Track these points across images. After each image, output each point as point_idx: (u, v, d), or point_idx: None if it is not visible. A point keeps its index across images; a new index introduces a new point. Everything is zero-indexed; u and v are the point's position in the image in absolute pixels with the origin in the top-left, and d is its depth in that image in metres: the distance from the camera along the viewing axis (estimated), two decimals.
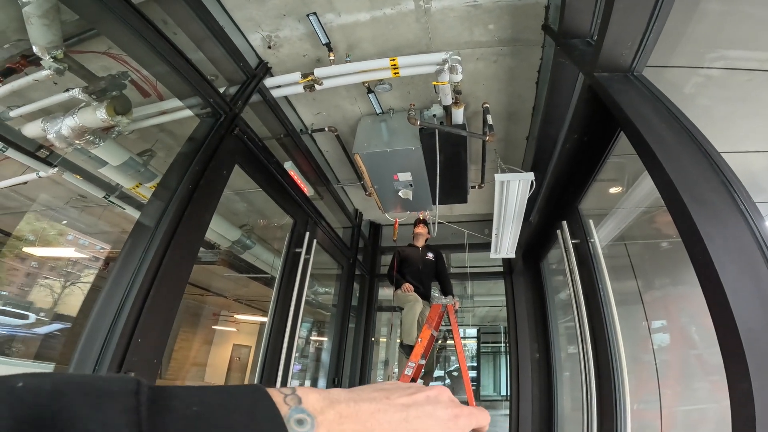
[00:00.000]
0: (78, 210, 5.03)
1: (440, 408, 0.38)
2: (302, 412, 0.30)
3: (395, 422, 0.35)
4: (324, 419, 0.31)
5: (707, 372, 1.99)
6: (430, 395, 0.39)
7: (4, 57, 2.45)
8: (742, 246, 1.16)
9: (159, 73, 2.22)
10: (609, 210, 2.74)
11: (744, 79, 1.72)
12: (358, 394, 0.36)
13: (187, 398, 0.26)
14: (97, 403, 0.23)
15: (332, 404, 0.32)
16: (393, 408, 0.35)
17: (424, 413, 0.37)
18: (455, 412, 0.39)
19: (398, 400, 0.36)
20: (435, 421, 0.37)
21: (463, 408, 0.40)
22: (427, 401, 0.38)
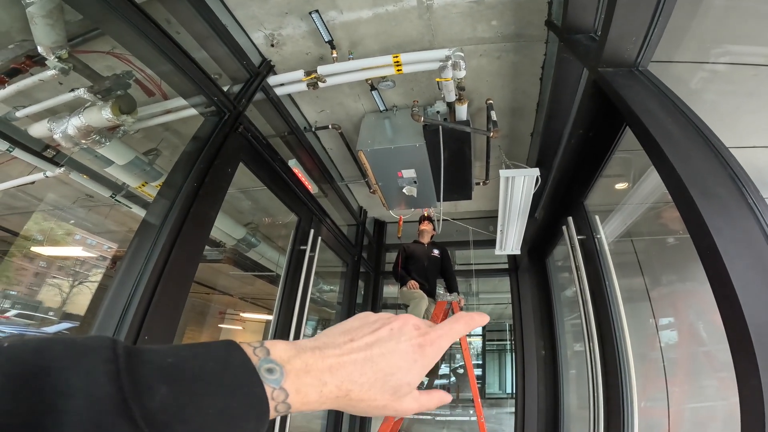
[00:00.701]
0: (85, 209, 5.07)
1: (404, 340, 0.38)
2: (271, 362, 0.32)
3: (359, 363, 0.36)
4: (291, 368, 0.33)
5: (715, 369, 1.98)
6: (393, 327, 0.39)
7: (9, 57, 2.46)
8: (750, 241, 1.15)
9: (163, 72, 2.23)
10: (615, 206, 2.73)
11: (750, 74, 1.70)
12: (323, 341, 0.37)
13: (162, 352, 0.28)
14: (79, 356, 0.25)
15: (298, 353, 0.34)
16: (356, 350, 0.36)
17: (388, 349, 0.37)
18: (419, 341, 0.39)
19: (361, 341, 0.37)
20: (399, 355, 0.37)
21: (429, 333, 0.40)
22: (390, 336, 0.38)
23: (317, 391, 0.34)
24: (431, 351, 0.39)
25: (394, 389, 0.37)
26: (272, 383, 0.31)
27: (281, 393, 0.31)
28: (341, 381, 0.35)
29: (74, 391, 0.23)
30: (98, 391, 0.24)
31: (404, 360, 0.37)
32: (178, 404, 0.26)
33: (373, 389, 0.36)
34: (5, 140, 2.84)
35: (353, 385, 0.35)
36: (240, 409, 0.29)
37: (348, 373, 0.35)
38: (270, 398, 0.31)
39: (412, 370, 0.38)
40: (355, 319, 0.41)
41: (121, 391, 0.24)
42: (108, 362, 0.25)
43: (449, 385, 12.04)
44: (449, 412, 5.31)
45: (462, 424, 4.96)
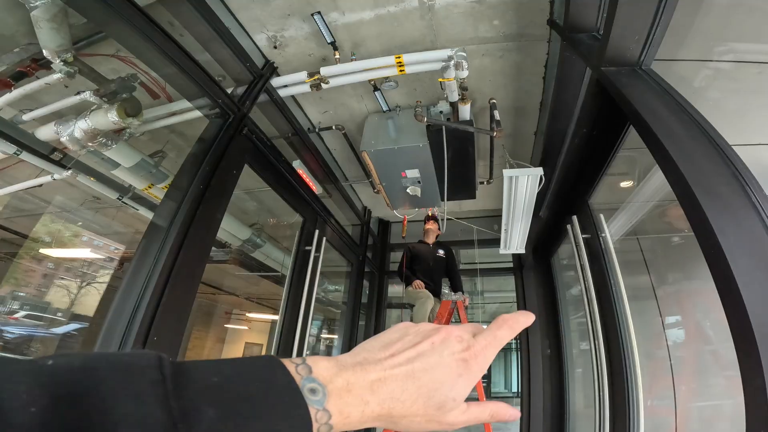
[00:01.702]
0: (93, 211, 5.13)
1: (447, 354, 0.37)
2: (313, 381, 0.31)
3: (401, 380, 0.35)
4: (334, 387, 0.32)
5: (723, 368, 1.96)
6: (435, 341, 0.38)
7: (15, 61, 2.49)
8: (754, 239, 1.14)
9: (167, 74, 2.25)
10: (620, 204, 2.71)
11: (754, 71, 1.69)
12: (363, 356, 0.36)
13: (206, 370, 0.28)
14: (126, 377, 0.24)
15: (340, 372, 0.33)
16: (397, 365, 0.36)
17: (430, 364, 0.36)
18: (463, 355, 0.38)
19: (402, 356, 0.36)
20: (443, 370, 0.36)
21: (473, 346, 0.39)
22: (433, 349, 0.37)
23: (359, 411, 0.33)
24: (476, 364, 0.38)
25: (439, 405, 0.35)
26: (316, 404, 0.31)
27: (324, 414, 0.31)
28: (383, 399, 0.34)
29: (124, 417, 0.23)
30: (148, 417, 0.23)
31: (448, 375, 0.36)
32: (226, 428, 0.26)
33: (416, 405, 0.35)
34: (13, 143, 2.87)
35: (395, 403, 0.34)
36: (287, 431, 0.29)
37: (390, 390, 0.34)
38: (314, 420, 0.30)
39: (457, 385, 0.36)
40: (394, 331, 0.40)
41: (170, 416, 0.24)
42: (156, 384, 0.25)
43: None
44: None
45: None
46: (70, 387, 0.23)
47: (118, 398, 0.23)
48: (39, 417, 0.21)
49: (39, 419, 0.21)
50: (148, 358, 0.26)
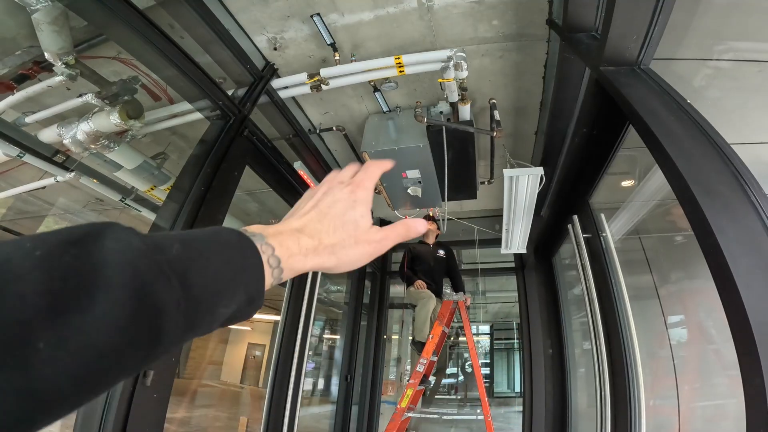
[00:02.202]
0: (96, 213, 5.15)
1: (337, 192, 0.48)
2: (250, 232, 0.38)
3: (316, 218, 0.44)
4: (267, 233, 0.39)
5: (726, 367, 1.96)
6: (326, 190, 0.48)
7: (16, 63, 2.51)
8: (753, 239, 1.14)
9: (168, 77, 2.26)
10: (621, 203, 2.71)
11: (754, 70, 1.69)
12: (284, 218, 0.46)
13: (167, 232, 0.34)
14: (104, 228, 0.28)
15: (266, 227, 0.41)
16: (308, 211, 0.45)
17: (329, 202, 0.46)
18: (349, 188, 0.48)
19: (308, 206, 0.46)
20: (341, 202, 0.46)
21: (352, 182, 0.49)
22: (326, 194, 0.48)
23: (296, 243, 0.40)
24: (361, 192, 0.48)
25: (354, 225, 0.45)
26: (257, 240, 0.37)
27: (268, 247, 0.37)
28: (310, 233, 0.42)
29: (113, 248, 0.27)
30: (130, 247, 0.27)
31: (346, 204, 0.46)
32: (191, 255, 0.31)
33: (338, 231, 0.44)
34: (16, 146, 2.88)
35: (320, 233, 0.43)
36: (241, 260, 0.34)
37: (312, 228, 0.43)
38: (261, 251, 0.36)
39: (356, 208, 0.46)
40: (302, 201, 0.50)
41: (146, 245, 0.28)
42: (131, 232, 0.29)
43: (457, 384, 12.01)
44: (456, 411, 5.30)
45: (470, 423, 4.96)
46: (64, 237, 0.26)
47: (104, 240, 0.27)
48: (43, 259, 0.24)
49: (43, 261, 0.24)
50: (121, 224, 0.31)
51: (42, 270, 0.23)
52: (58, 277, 0.24)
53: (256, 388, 11.54)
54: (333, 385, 4.59)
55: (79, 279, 0.24)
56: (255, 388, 11.60)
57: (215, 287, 0.31)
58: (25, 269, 0.23)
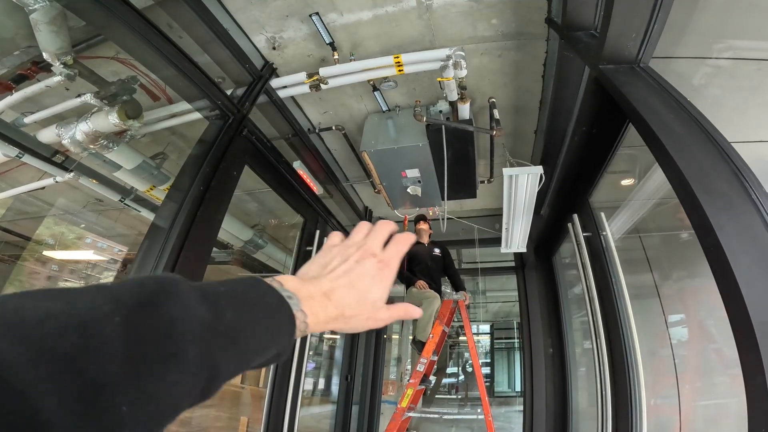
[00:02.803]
0: (95, 213, 5.15)
1: (368, 266, 0.50)
2: (287, 291, 0.42)
3: (344, 288, 0.47)
4: (302, 296, 0.43)
5: (727, 366, 1.95)
6: (357, 259, 0.50)
7: (15, 63, 2.50)
8: (754, 237, 1.14)
9: (167, 76, 2.26)
10: (621, 202, 2.70)
11: (753, 68, 1.68)
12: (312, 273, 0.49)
13: (214, 284, 0.37)
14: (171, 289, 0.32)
15: (302, 285, 0.45)
16: (338, 277, 0.48)
17: (359, 275, 0.49)
18: (379, 266, 0.50)
19: (339, 270, 0.49)
20: (369, 278, 0.49)
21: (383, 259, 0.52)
22: (358, 265, 0.50)
23: (324, 312, 0.44)
24: (388, 271, 0.51)
25: (372, 303, 0.48)
26: (294, 307, 0.41)
27: (302, 314, 0.42)
28: (336, 303, 0.46)
29: (184, 317, 0.30)
30: (198, 316, 0.31)
31: (373, 281, 0.49)
32: (240, 325, 0.35)
33: (359, 305, 0.47)
34: (15, 146, 2.88)
35: (344, 305, 0.46)
36: (278, 326, 0.39)
37: (339, 296, 0.46)
38: (295, 318, 0.41)
39: (380, 288, 0.50)
40: (322, 255, 0.53)
41: (209, 313, 0.32)
42: (191, 290, 0.33)
43: (458, 383, 12.01)
44: (457, 411, 5.30)
45: (470, 423, 4.96)
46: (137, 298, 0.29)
47: (172, 303, 0.30)
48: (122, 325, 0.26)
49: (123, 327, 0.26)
50: (173, 276, 0.34)
51: (123, 339, 0.26)
52: (137, 344, 0.27)
53: (256, 388, 11.53)
54: (333, 384, 4.60)
55: (157, 349, 0.28)
56: (255, 388, 11.58)
57: (257, 348, 0.37)
58: (107, 337, 0.25)
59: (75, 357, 0.23)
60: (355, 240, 0.55)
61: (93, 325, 0.25)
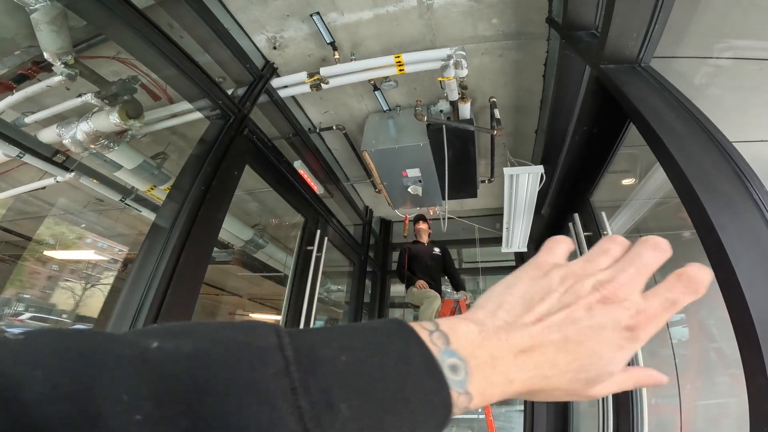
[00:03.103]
0: (96, 213, 5.15)
1: (609, 323, 0.30)
2: (453, 355, 0.26)
3: (552, 352, 0.29)
4: (476, 363, 0.27)
5: (728, 365, 1.95)
6: (593, 304, 0.30)
7: (16, 63, 2.50)
8: (756, 236, 1.14)
9: (168, 76, 2.25)
10: (622, 202, 2.70)
11: (755, 68, 1.68)
12: (505, 318, 0.30)
13: (332, 344, 0.23)
14: (244, 364, 0.20)
15: (483, 340, 0.28)
16: (547, 331, 0.29)
17: (588, 334, 0.29)
18: (629, 323, 0.30)
19: (553, 319, 0.29)
20: (603, 341, 0.30)
21: (643, 312, 0.31)
22: (591, 316, 0.30)
23: (501, 391, 0.28)
24: (644, 333, 0.31)
25: (588, 380, 0.30)
26: (457, 386, 0.25)
27: (465, 398, 0.26)
28: (529, 377, 0.28)
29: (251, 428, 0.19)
30: (280, 427, 0.19)
31: (608, 348, 0.30)
32: (359, 427, 0.21)
33: (562, 380, 0.29)
34: (16, 146, 2.88)
35: (541, 380, 0.29)
36: (422, 423, 0.24)
37: (537, 364, 0.28)
38: (454, 405, 0.25)
39: (616, 359, 0.30)
40: (532, 280, 0.32)
41: (302, 422, 0.20)
42: (281, 375, 0.21)
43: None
44: None
45: (471, 422, 4.95)
46: (179, 384, 0.19)
47: (239, 399, 0.19)
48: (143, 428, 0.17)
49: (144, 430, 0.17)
50: (266, 333, 0.22)
51: None
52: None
53: None
54: None
55: None
56: None
57: None
58: None
59: None
60: (596, 266, 0.33)
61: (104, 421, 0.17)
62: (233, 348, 0.21)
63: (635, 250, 0.34)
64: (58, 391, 0.17)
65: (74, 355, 0.18)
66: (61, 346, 0.19)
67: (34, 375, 0.17)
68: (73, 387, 0.17)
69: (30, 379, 0.17)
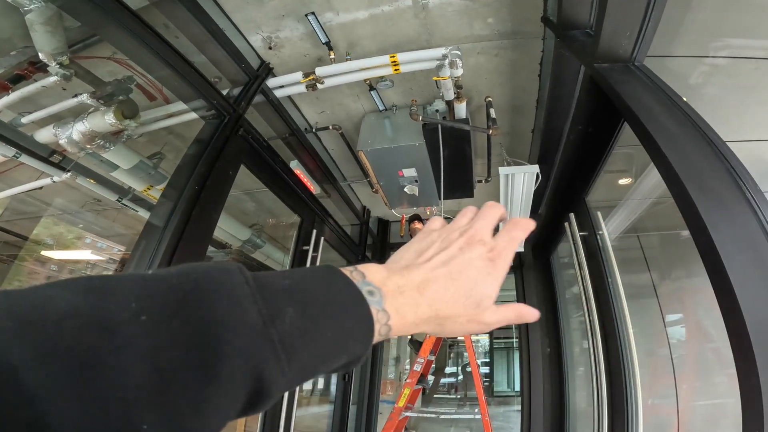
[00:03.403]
0: (94, 213, 5.15)
1: (475, 256, 0.40)
2: (369, 284, 0.34)
3: (441, 280, 0.38)
4: (387, 290, 0.35)
5: (724, 366, 1.95)
6: (462, 245, 0.41)
7: (11, 64, 2.50)
8: (749, 235, 1.13)
9: (163, 77, 2.25)
10: (618, 201, 2.70)
11: (751, 67, 1.68)
12: (404, 263, 0.40)
13: (276, 275, 0.31)
14: (218, 279, 0.27)
15: (390, 275, 0.37)
16: (436, 267, 0.39)
17: (463, 265, 0.39)
18: (489, 255, 0.41)
19: (437, 259, 0.40)
20: (475, 269, 0.40)
21: (495, 247, 0.42)
22: (462, 253, 0.40)
23: (413, 311, 0.36)
24: (501, 262, 0.41)
25: (476, 303, 0.39)
26: (375, 305, 0.33)
27: (384, 315, 0.33)
28: (431, 300, 0.37)
29: (226, 320, 0.25)
30: (246, 319, 0.26)
31: (480, 274, 0.39)
32: (304, 327, 0.29)
33: (458, 304, 0.38)
34: (12, 146, 2.88)
35: (441, 303, 0.37)
36: (351, 330, 0.31)
37: (434, 290, 0.37)
38: (375, 320, 0.33)
39: (488, 283, 0.40)
40: (419, 240, 0.44)
41: (261, 316, 0.27)
42: (244, 285, 0.28)
43: (457, 383, 12.00)
44: (455, 410, 5.34)
45: (469, 422, 4.97)
46: (172, 293, 0.25)
47: (215, 302, 0.26)
48: (148, 326, 0.23)
49: (148, 328, 0.23)
50: (228, 263, 0.29)
51: (149, 343, 0.22)
52: (166, 350, 0.23)
53: None
54: (332, 384, 4.58)
55: (188, 358, 0.23)
56: None
57: (321, 357, 0.30)
58: (128, 336, 0.22)
59: (92, 362, 0.20)
60: (459, 224, 0.45)
61: (115, 325, 0.22)
62: (208, 269, 0.28)
63: (482, 211, 0.47)
64: (76, 309, 0.22)
65: (84, 287, 0.23)
66: (74, 283, 0.24)
67: (53, 302, 0.22)
68: (89, 304, 0.22)
69: (50, 304, 0.21)
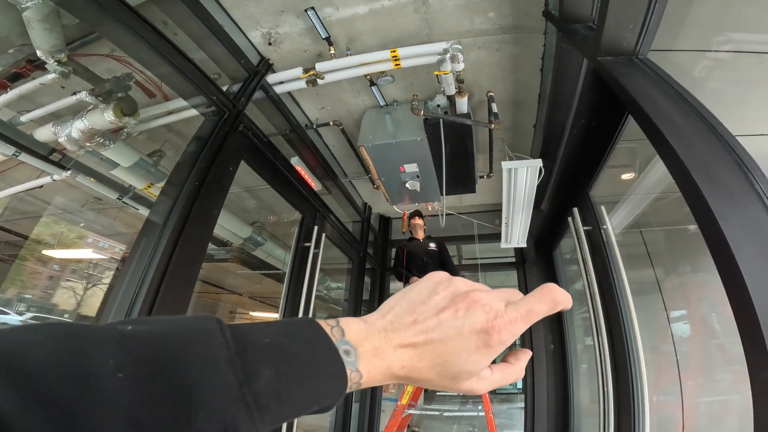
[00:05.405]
0: (94, 212, 5.14)
1: (467, 325, 0.36)
2: (347, 344, 0.34)
3: (420, 348, 0.36)
4: (363, 351, 0.35)
5: (730, 362, 1.93)
6: (460, 309, 0.37)
7: (10, 62, 2.49)
8: (758, 227, 1.11)
9: (162, 73, 2.23)
10: (621, 196, 2.68)
11: (754, 61, 1.65)
12: (391, 319, 0.38)
13: (258, 332, 0.31)
14: (198, 342, 0.28)
15: (369, 336, 0.36)
16: (419, 334, 0.37)
17: (448, 335, 0.36)
18: (485, 326, 0.36)
19: (425, 324, 0.37)
20: (461, 342, 0.36)
21: (499, 317, 0.37)
22: (455, 318, 0.37)
23: (383, 372, 0.36)
24: (498, 336, 0.36)
25: (452, 376, 0.37)
26: (350, 365, 0.34)
27: (357, 374, 0.34)
28: (403, 365, 0.36)
29: (203, 381, 0.26)
30: (222, 381, 0.27)
31: (464, 347, 0.36)
32: (279, 387, 0.29)
33: (431, 373, 0.37)
34: (12, 145, 2.87)
35: (413, 370, 0.36)
36: (326, 389, 0.32)
37: (409, 356, 0.36)
38: (348, 379, 0.34)
39: (472, 358, 0.36)
40: (424, 287, 0.40)
41: (237, 377, 0.27)
42: (222, 347, 0.28)
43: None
44: (458, 408, 5.31)
45: (472, 420, 4.95)
46: (151, 352, 0.25)
47: (193, 363, 0.26)
48: (126, 382, 0.23)
49: (127, 384, 0.23)
50: (209, 321, 0.30)
51: (127, 396, 0.23)
52: (144, 406, 0.23)
53: None
54: None
55: (166, 412, 0.24)
56: None
57: (293, 410, 0.31)
58: (108, 391, 0.23)
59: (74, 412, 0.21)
60: (475, 286, 0.40)
61: (95, 380, 0.22)
62: (188, 329, 0.28)
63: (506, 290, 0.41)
64: (56, 359, 0.22)
65: (63, 336, 0.24)
66: (52, 330, 0.24)
67: (33, 350, 0.22)
68: (68, 356, 0.23)
69: (31, 353, 0.22)
